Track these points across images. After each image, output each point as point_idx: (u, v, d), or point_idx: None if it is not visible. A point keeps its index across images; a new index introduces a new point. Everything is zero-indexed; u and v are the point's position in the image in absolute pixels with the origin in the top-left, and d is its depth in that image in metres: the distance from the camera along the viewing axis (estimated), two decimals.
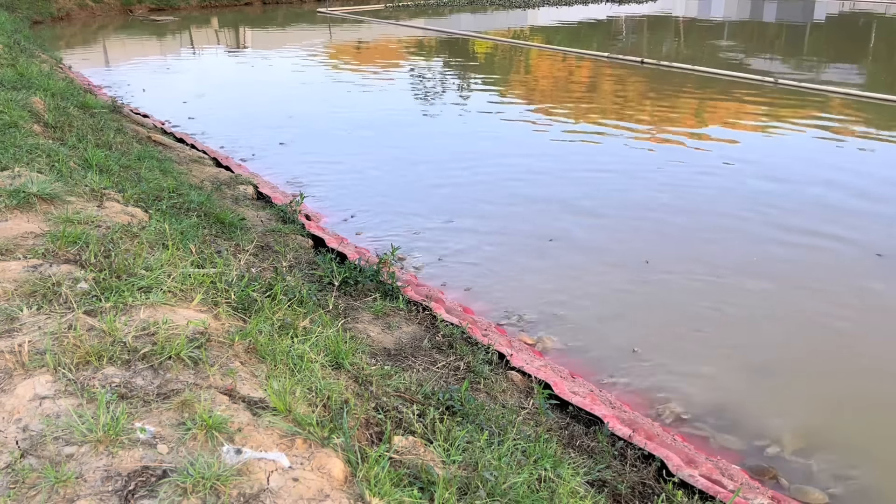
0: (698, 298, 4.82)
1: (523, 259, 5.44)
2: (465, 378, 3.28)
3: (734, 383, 3.91)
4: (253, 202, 6.09)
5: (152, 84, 12.58)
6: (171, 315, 2.43)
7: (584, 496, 2.41)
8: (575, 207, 6.49)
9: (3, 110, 5.34)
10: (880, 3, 29.75)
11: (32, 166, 4.06)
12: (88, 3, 23.38)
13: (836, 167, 7.78)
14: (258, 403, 2.07)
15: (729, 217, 6.26)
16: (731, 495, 2.86)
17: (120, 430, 1.78)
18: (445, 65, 15.31)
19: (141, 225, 3.51)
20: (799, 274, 5.18)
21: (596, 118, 10.15)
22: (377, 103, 11.18)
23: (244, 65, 15.41)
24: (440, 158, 8.20)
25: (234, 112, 10.52)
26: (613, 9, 29.03)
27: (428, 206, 6.54)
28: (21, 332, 2.19)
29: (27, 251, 2.85)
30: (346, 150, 8.41)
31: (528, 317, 4.57)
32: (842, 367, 4.10)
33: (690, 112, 10.76)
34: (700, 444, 3.42)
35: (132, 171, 5.30)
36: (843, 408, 3.76)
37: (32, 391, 1.92)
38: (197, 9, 25.88)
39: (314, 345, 2.62)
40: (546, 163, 7.93)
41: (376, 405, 2.41)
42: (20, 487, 1.60)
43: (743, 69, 13.72)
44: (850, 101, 11.13)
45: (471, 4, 29.57)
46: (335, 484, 1.81)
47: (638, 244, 5.68)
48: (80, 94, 8.28)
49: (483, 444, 2.35)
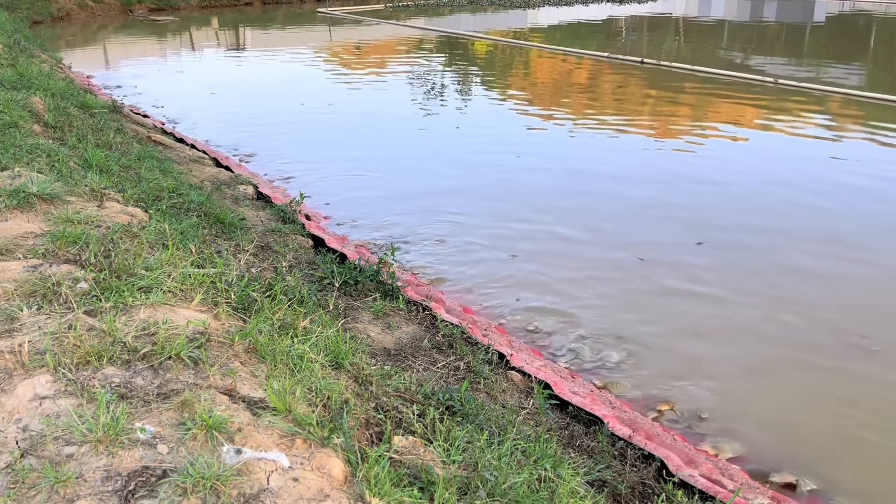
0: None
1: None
2: (465, 378, 3.28)
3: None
4: (253, 202, 6.09)
5: (153, 84, 12.57)
6: (171, 315, 2.43)
7: (584, 496, 2.41)
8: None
9: (3, 110, 5.34)
10: (880, 4, 29.76)
11: (32, 166, 4.06)
12: (88, 3, 23.38)
13: (835, 167, 7.78)
14: (258, 403, 2.07)
15: (729, 216, 6.28)
16: (731, 495, 2.86)
17: (120, 430, 1.78)
18: (445, 64, 15.31)
19: (141, 225, 3.51)
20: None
21: (595, 117, 10.14)
22: (376, 103, 11.18)
23: (244, 65, 15.40)
24: (440, 158, 8.20)
25: (230, 111, 10.52)
26: (613, 9, 29.03)
27: (419, 205, 6.59)
28: (21, 332, 2.19)
29: (27, 251, 2.85)
30: (345, 150, 8.41)
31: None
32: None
33: (690, 112, 10.77)
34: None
35: (132, 171, 5.30)
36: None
37: (32, 391, 1.92)
38: (197, 9, 25.88)
39: (314, 345, 2.62)
40: (547, 163, 7.94)
41: (376, 405, 2.41)
42: (20, 487, 1.60)
43: (743, 69, 13.72)
44: (850, 101, 11.13)
45: (471, 4, 29.57)
46: (335, 484, 1.81)
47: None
48: (80, 93, 8.28)
49: (483, 444, 2.35)
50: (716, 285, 4.97)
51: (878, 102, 10.97)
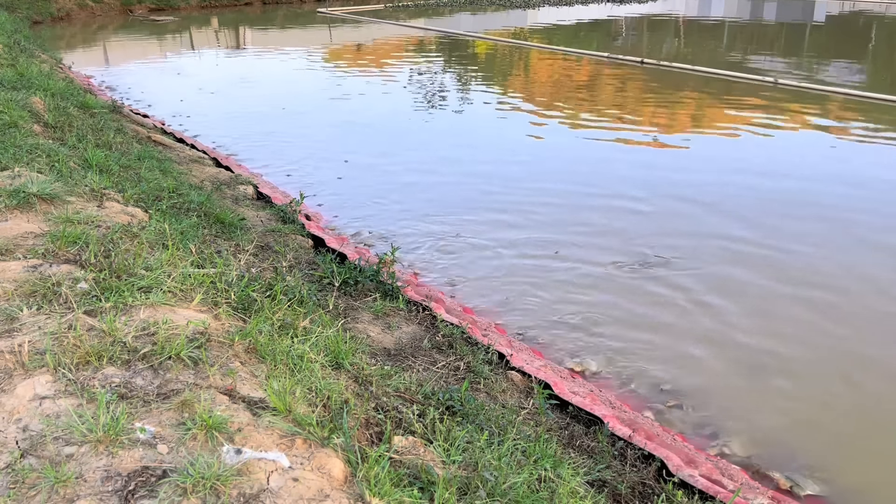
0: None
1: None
2: (465, 378, 3.28)
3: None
4: (253, 202, 6.09)
5: (152, 84, 12.57)
6: (171, 315, 2.43)
7: (584, 496, 2.41)
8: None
9: (3, 110, 5.34)
10: (880, 4, 29.75)
11: (32, 166, 4.06)
12: (88, 3, 23.38)
13: (834, 166, 7.78)
14: (258, 403, 2.07)
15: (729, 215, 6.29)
16: (731, 495, 2.87)
17: (120, 430, 1.78)
18: (445, 64, 15.31)
19: (141, 225, 3.51)
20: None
21: (595, 116, 10.14)
22: (376, 103, 11.17)
23: (244, 65, 15.40)
24: (438, 157, 8.20)
25: (230, 111, 10.51)
26: (613, 9, 29.03)
27: (412, 203, 6.63)
28: (21, 332, 2.19)
29: (27, 251, 2.85)
30: (345, 150, 8.41)
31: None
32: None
33: (689, 112, 10.76)
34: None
35: (132, 171, 5.30)
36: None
37: (32, 391, 1.92)
38: (197, 9, 25.88)
39: (314, 345, 2.62)
40: (548, 163, 7.95)
41: (376, 405, 2.41)
42: (20, 487, 1.60)
43: (743, 69, 13.72)
44: (850, 101, 11.13)
45: (471, 4, 29.57)
46: (335, 484, 1.81)
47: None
48: (80, 94, 8.28)
49: (483, 444, 2.35)
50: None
51: (879, 102, 10.97)
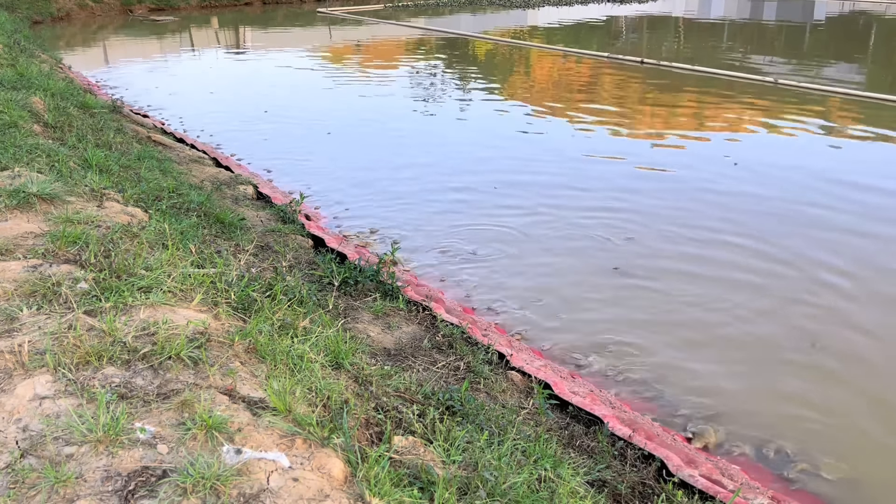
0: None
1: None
2: (465, 378, 3.28)
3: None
4: (253, 202, 6.09)
5: (152, 84, 12.56)
6: (171, 315, 2.43)
7: (584, 496, 2.41)
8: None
9: (3, 110, 5.34)
10: (880, 4, 29.75)
11: (32, 166, 4.06)
12: (88, 3, 23.37)
13: (834, 167, 7.78)
14: (258, 403, 2.07)
15: (729, 216, 6.29)
16: (731, 495, 2.87)
17: (120, 430, 1.78)
18: (445, 64, 15.30)
19: (141, 225, 3.51)
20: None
21: (594, 116, 10.14)
22: (375, 103, 11.16)
23: (243, 65, 15.40)
24: (438, 156, 8.20)
25: (230, 110, 10.51)
26: (614, 9, 29.03)
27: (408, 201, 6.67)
28: (21, 332, 2.19)
29: (27, 251, 2.85)
30: (345, 150, 8.41)
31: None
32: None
33: (689, 112, 10.76)
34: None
35: (132, 171, 5.30)
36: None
37: (32, 391, 1.92)
38: (197, 9, 25.87)
39: (314, 345, 2.62)
40: (549, 165, 7.95)
41: (376, 405, 2.41)
42: (20, 487, 1.60)
43: (743, 69, 13.72)
44: (850, 101, 11.13)
45: (471, 4, 29.56)
46: (335, 484, 1.81)
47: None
48: (80, 93, 8.28)
49: (483, 444, 2.35)
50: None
51: (878, 102, 10.97)
